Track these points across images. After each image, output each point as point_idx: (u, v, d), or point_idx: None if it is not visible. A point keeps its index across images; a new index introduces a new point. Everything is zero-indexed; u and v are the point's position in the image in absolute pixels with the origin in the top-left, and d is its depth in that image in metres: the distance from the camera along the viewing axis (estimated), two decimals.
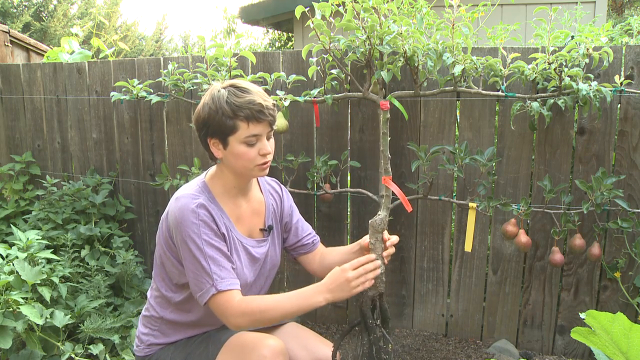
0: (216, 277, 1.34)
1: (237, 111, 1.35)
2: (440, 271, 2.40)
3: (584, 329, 0.83)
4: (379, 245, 1.44)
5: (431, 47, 1.97)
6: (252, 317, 1.33)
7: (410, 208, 1.50)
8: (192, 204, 1.38)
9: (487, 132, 2.22)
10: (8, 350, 1.93)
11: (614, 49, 1.98)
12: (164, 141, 2.73)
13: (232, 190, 1.48)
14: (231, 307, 1.33)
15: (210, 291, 1.34)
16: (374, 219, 1.43)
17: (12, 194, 3.01)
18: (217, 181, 1.48)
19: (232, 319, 1.34)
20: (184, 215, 1.37)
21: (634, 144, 2.05)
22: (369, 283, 1.38)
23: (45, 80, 2.99)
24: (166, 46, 17.26)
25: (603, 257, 2.14)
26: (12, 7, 12.06)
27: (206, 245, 1.36)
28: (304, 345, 1.56)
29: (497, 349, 2.25)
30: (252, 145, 1.39)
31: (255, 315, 1.33)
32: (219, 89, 1.40)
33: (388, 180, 1.38)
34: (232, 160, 1.41)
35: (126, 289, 2.53)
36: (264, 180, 1.66)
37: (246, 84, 1.42)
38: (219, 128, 1.38)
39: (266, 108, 1.37)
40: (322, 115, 2.39)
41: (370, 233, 1.45)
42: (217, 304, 1.35)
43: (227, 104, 1.36)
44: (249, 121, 1.36)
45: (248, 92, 1.38)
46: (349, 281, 1.35)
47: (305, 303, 1.36)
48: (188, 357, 1.46)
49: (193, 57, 2.58)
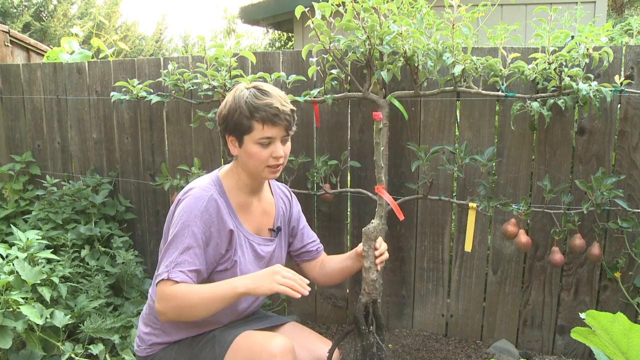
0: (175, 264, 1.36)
1: (253, 112, 1.40)
2: (440, 271, 2.40)
3: (584, 329, 0.83)
4: (371, 253, 1.45)
5: (431, 47, 1.97)
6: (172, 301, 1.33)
7: (402, 217, 1.52)
8: (202, 195, 1.43)
9: (487, 132, 2.22)
10: (8, 350, 1.93)
11: (614, 49, 1.97)
12: (164, 141, 2.73)
13: (244, 188, 1.53)
14: (162, 294, 1.35)
15: (163, 275, 1.36)
16: (367, 227, 1.44)
17: (12, 194, 3.01)
18: (231, 176, 1.53)
19: (157, 302, 1.36)
20: (191, 203, 1.41)
21: (634, 144, 2.05)
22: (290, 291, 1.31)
23: (45, 80, 2.99)
24: (166, 46, 17.26)
25: (603, 257, 2.14)
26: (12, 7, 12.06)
27: (190, 236, 1.38)
28: (304, 344, 1.56)
29: (497, 349, 2.25)
30: (265, 146, 1.43)
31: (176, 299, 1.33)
32: (242, 89, 1.45)
33: (381, 190, 1.39)
34: (245, 158, 1.46)
35: (126, 289, 2.53)
36: (275, 184, 1.71)
37: (269, 87, 1.46)
38: (236, 126, 1.43)
39: (282, 112, 1.41)
40: (322, 115, 2.39)
41: (363, 240, 1.46)
42: (158, 290, 1.36)
43: (245, 104, 1.41)
44: (264, 123, 1.40)
45: (268, 95, 1.42)
46: (275, 273, 1.33)
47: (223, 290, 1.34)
48: (193, 358, 1.46)
49: (193, 57, 2.58)
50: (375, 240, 1.45)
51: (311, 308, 2.62)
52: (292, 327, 1.65)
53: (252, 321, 1.60)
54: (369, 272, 1.46)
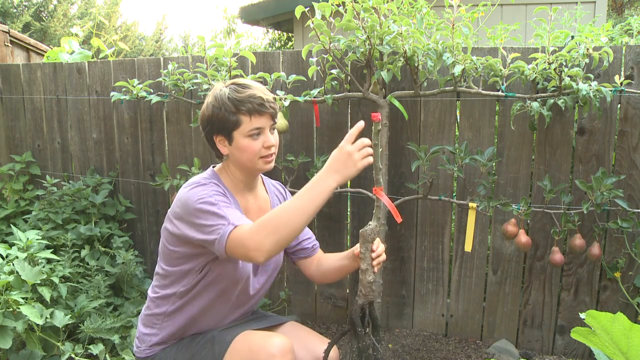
0: (230, 217, 1.32)
1: (239, 106, 1.40)
2: (440, 271, 2.40)
3: (584, 329, 0.82)
4: (368, 255, 1.45)
5: (431, 47, 1.97)
6: (267, 230, 1.25)
7: (400, 219, 1.52)
8: (203, 185, 1.41)
9: (487, 132, 2.22)
10: (8, 350, 1.93)
11: (614, 49, 1.98)
12: (164, 141, 2.73)
13: (239, 185, 1.52)
14: (243, 232, 1.28)
15: (228, 229, 1.30)
16: (365, 228, 1.43)
17: (12, 194, 3.01)
18: (225, 176, 1.52)
19: (248, 242, 1.26)
20: (195, 191, 1.38)
21: (634, 144, 2.05)
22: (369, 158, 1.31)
23: (45, 80, 2.99)
24: (166, 46, 17.25)
25: (603, 257, 2.14)
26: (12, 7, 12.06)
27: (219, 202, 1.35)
28: (303, 344, 1.56)
29: (497, 349, 2.25)
30: (256, 138, 1.42)
31: (269, 225, 1.26)
32: (221, 88, 1.45)
33: (379, 191, 1.39)
34: (238, 154, 1.45)
35: (126, 289, 2.53)
36: (269, 181, 1.70)
37: (247, 80, 1.47)
38: (223, 124, 1.42)
39: (267, 101, 1.42)
40: (322, 115, 2.39)
41: (360, 242, 1.45)
42: (235, 240, 1.29)
43: (229, 99, 1.40)
44: (251, 114, 1.40)
45: (249, 87, 1.43)
46: (351, 155, 1.29)
47: (316, 192, 1.28)
48: (192, 358, 1.46)
49: (193, 57, 2.58)
50: (373, 242, 1.45)
51: (311, 308, 2.62)
52: (292, 327, 1.64)
53: (251, 321, 1.60)
54: (365, 274, 1.45)
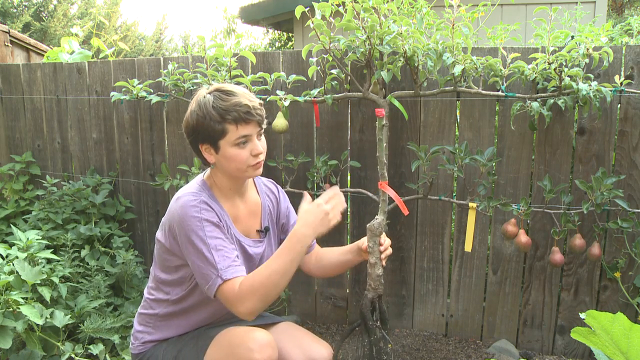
0: (221, 267, 1.34)
1: (224, 115, 1.36)
2: (440, 271, 2.40)
3: (584, 329, 0.82)
4: (377, 249, 1.45)
5: (431, 47, 1.97)
6: (256, 294, 1.30)
7: (407, 211, 1.53)
8: (193, 201, 1.39)
9: (487, 132, 2.22)
10: (8, 350, 1.93)
11: (614, 49, 1.98)
12: (164, 141, 2.73)
13: (228, 192, 1.50)
14: (235, 294, 1.32)
15: (217, 282, 1.33)
16: (372, 222, 1.44)
17: (12, 194, 3.01)
18: (213, 184, 1.50)
19: (239, 305, 1.31)
20: (186, 213, 1.37)
21: (634, 144, 2.05)
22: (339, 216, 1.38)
23: (45, 80, 2.99)
24: (166, 46, 17.25)
25: (603, 257, 2.14)
26: (12, 7, 12.06)
27: (209, 237, 1.36)
28: (298, 344, 1.55)
29: (497, 349, 2.25)
30: (243, 146, 1.40)
31: (259, 290, 1.30)
32: (205, 95, 1.41)
33: (384, 185, 1.40)
34: (225, 163, 1.42)
35: (126, 289, 2.53)
36: (261, 181, 1.68)
37: (231, 86, 1.43)
38: (209, 133, 1.39)
39: (253, 108, 1.38)
40: (322, 115, 2.39)
41: (368, 236, 1.46)
42: (224, 294, 1.33)
43: (213, 108, 1.37)
44: (238, 123, 1.37)
45: (233, 94, 1.39)
46: (327, 214, 1.36)
47: (295, 249, 1.34)
48: (179, 353, 1.48)
49: (193, 57, 2.58)
50: (380, 236, 1.46)
51: (311, 308, 2.62)
52: (286, 327, 1.64)
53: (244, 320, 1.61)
54: (374, 268, 1.46)
